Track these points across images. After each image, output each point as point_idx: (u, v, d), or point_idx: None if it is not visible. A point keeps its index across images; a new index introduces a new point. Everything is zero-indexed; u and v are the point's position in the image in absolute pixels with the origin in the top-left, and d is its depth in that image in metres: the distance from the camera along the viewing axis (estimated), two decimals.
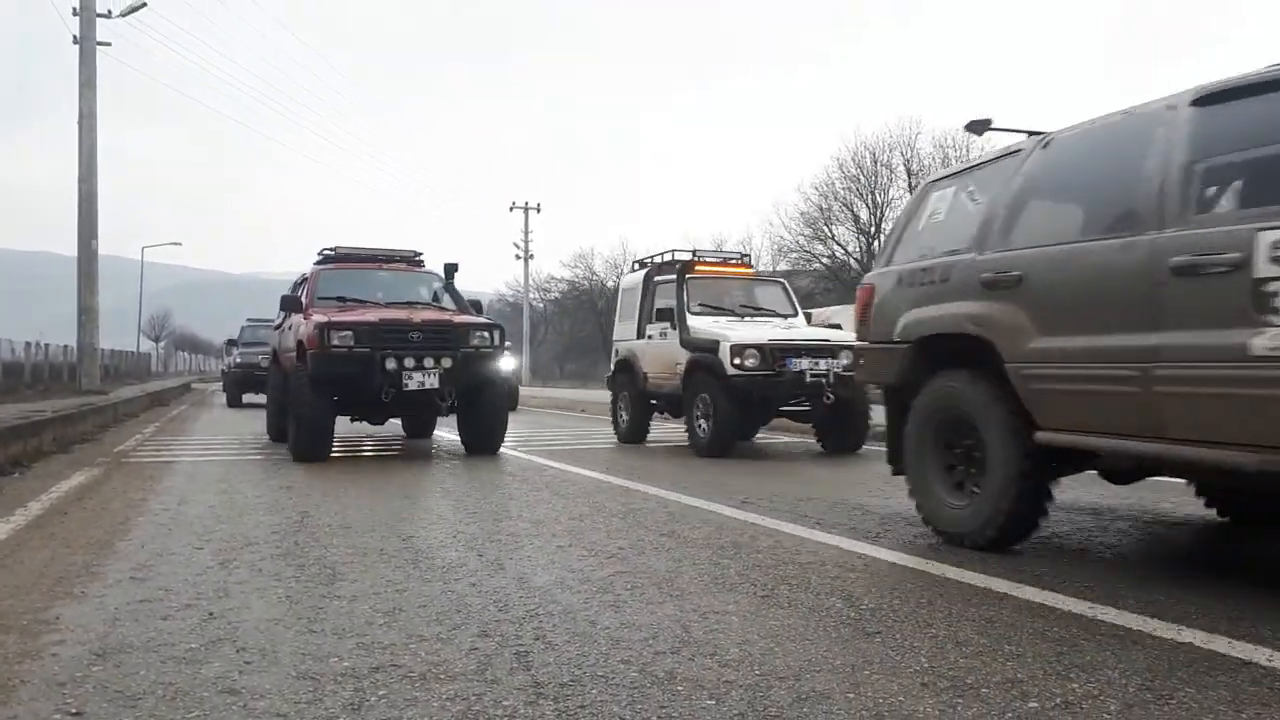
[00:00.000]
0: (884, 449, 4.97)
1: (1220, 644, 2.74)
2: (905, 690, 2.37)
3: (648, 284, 10.44)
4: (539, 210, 51.26)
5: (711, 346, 8.73)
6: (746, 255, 12.05)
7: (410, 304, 9.49)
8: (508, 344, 9.38)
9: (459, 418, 9.16)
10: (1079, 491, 6.15)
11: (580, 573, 3.73)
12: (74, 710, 2.24)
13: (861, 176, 47.23)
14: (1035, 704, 2.27)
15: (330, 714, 2.22)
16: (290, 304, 9.83)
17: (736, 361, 8.45)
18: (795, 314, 10.27)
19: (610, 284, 62.35)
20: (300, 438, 8.22)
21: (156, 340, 78.18)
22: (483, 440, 9.01)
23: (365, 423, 10.03)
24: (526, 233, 50.65)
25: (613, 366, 11.03)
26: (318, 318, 8.41)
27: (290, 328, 9.65)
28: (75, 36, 18.82)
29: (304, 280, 10.18)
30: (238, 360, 19.65)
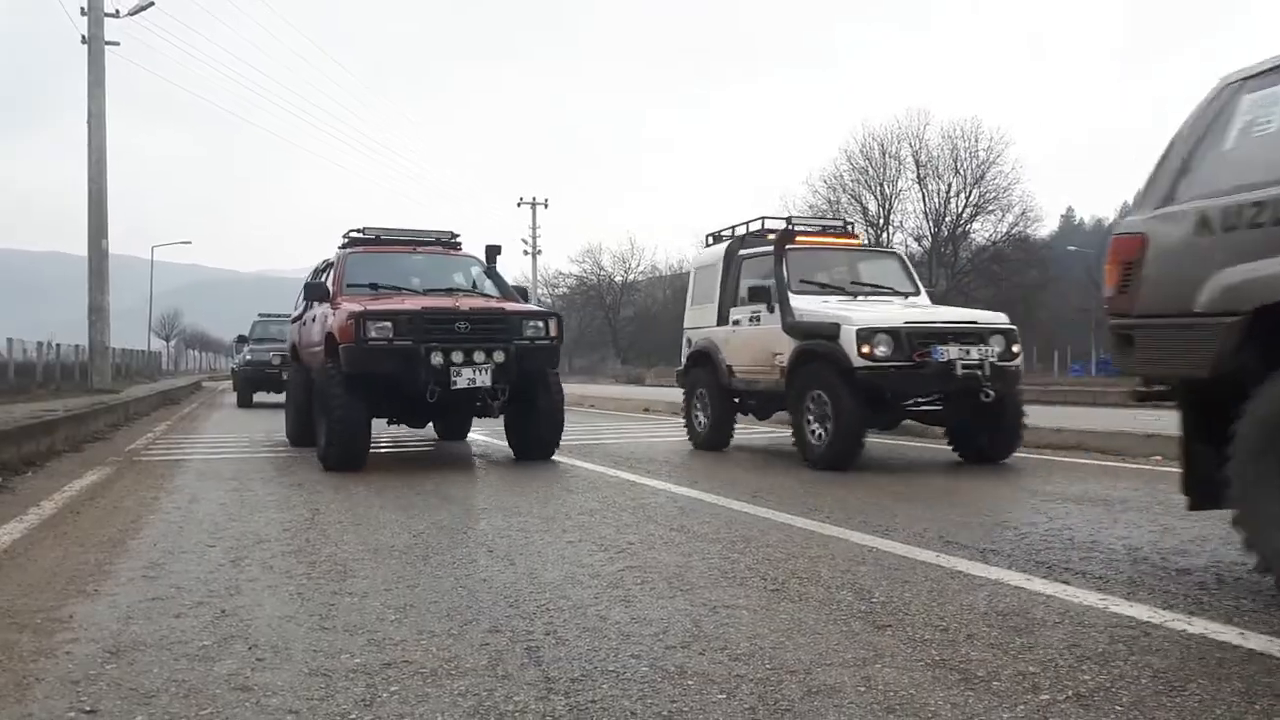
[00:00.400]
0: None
1: (1232, 635, 2.73)
2: (916, 683, 2.37)
3: (731, 260, 8.87)
4: (546, 206, 51.28)
5: (829, 331, 7.14)
6: (849, 223, 10.04)
7: (450, 291, 8.44)
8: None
9: (508, 420, 8.14)
10: (1090, 484, 6.14)
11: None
12: (88, 708, 2.26)
13: (870, 168, 47.16)
14: (1047, 696, 2.27)
15: (342, 710, 2.22)
16: (316, 292, 8.63)
17: (865, 350, 6.86)
18: (917, 292, 8.47)
19: (618, 279, 62.45)
20: (332, 444, 7.19)
21: (167, 339, 78.51)
22: (537, 445, 7.92)
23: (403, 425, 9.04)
24: (534, 228, 50.70)
25: (685, 360, 9.46)
26: (351, 306, 7.40)
27: (315, 319, 8.70)
28: (84, 36, 18.90)
29: (329, 266, 9.13)
30: (248, 357, 18.76)
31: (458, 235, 9.59)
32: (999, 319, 7.40)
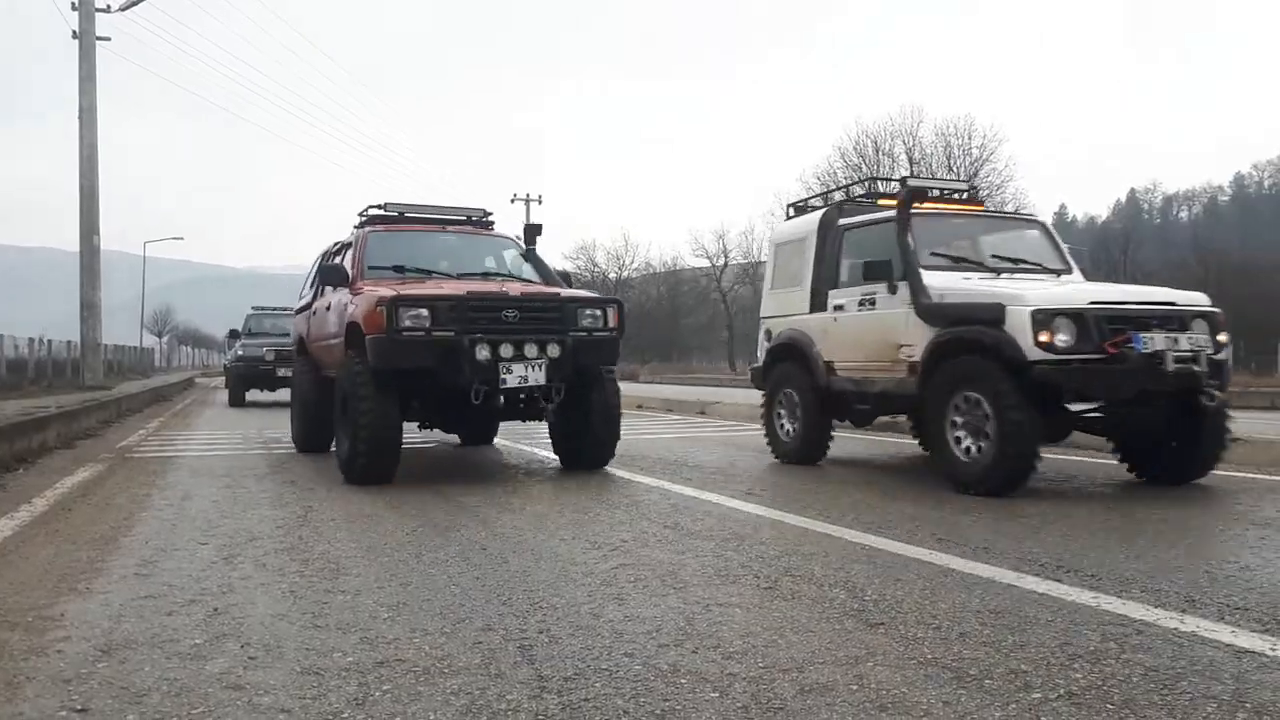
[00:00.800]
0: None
1: (1224, 633, 2.74)
2: (909, 681, 2.37)
3: (828, 233, 7.27)
4: (540, 202, 51.20)
5: (989, 314, 5.59)
6: (972, 188, 8.20)
7: (486, 276, 7.45)
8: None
9: (556, 424, 7.14)
10: (1084, 482, 6.16)
11: (584, 565, 3.73)
12: (79, 706, 2.25)
13: (864, 165, 47.15)
14: (1039, 694, 2.27)
15: (334, 709, 2.22)
16: (331, 276, 7.48)
17: (1043, 338, 5.33)
18: (1069, 269, 6.91)
19: (611, 276, 62.38)
20: (359, 454, 6.13)
21: (159, 335, 78.29)
22: (592, 452, 6.93)
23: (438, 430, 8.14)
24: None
25: (763, 356, 7.91)
26: (379, 291, 6.32)
27: (331, 308, 7.59)
28: (74, 31, 18.83)
29: (344, 247, 8.04)
30: (240, 353, 17.69)
31: (490, 214, 8.47)
32: (1200, 299, 5.90)
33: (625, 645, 2.68)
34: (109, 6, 19.41)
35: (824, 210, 7.55)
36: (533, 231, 7.89)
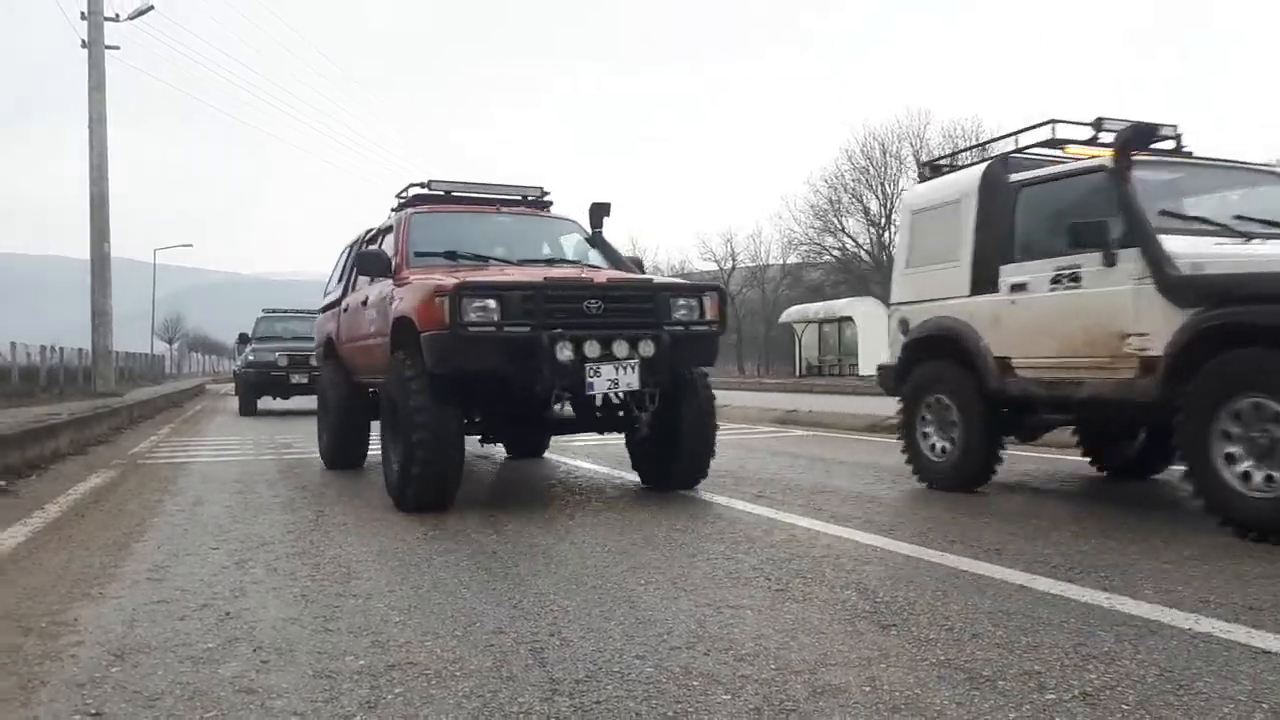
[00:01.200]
0: None
1: (1239, 633, 2.72)
2: (921, 683, 2.36)
3: (996, 192, 5.64)
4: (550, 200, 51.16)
5: None
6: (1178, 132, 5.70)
7: (550, 263, 6.48)
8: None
9: (636, 435, 5.93)
10: (1096, 482, 6.14)
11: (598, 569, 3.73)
12: (93, 711, 2.26)
13: (871, 168, 47.14)
14: (1053, 695, 2.26)
15: (347, 712, 2.22)
16: (370, 264, 6.34)
17: None
18: None
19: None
20: (414, 476, 5.10)
21: (170, 342, 78.60)
22: (685, 467, 5.91)
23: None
24: None
25: (897, 352, 6.28)
26: (439, 279, 5.35)
27: (369, 302, 6.58)
28: (83, 41, 18.93)
29: (380, 233, 7.04)
30: (251, 358, 16.62)
31: (548, 192, 7.40)
32: None
33: (636, 647, 2.68)
34: (117, 16, 19.52)
35: (986, 164, 5.86)
36: (600, 211, 6.83)
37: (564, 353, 5.03)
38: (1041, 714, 2.15)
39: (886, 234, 47.27)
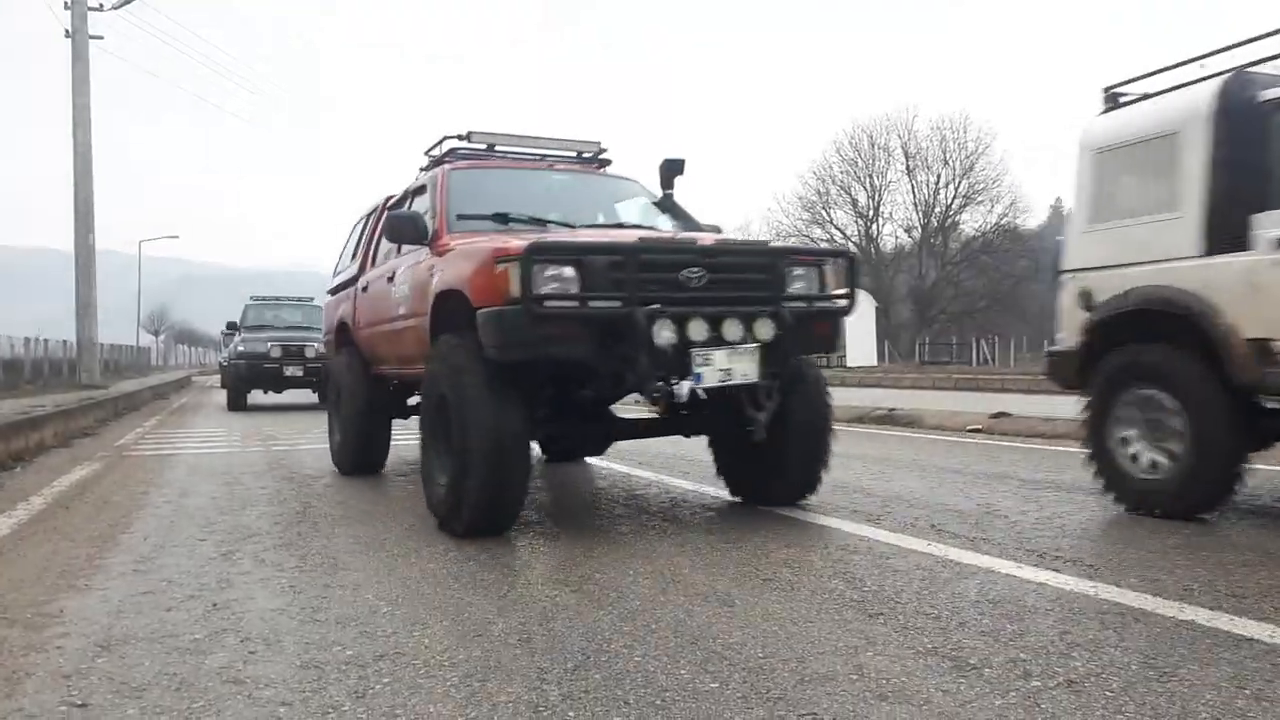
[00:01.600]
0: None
1: (1223, 621, 2.75)
2: (908, 671, 2.37)
3: (1239, 115, 4.36)
4: None
5: None
6: None
7: (619, 229, 5.21)
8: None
9: (726, 436, 5.02)
10: (1080, 471, 6.17)
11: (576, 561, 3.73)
12: (79, 702, 2.25)
13: (859, 160, 47.27)
14: (1038, 683, 2.28)
15: (335, 702, 2.22)
16: (402, 229, 5.10)
17: None
18: None
19: None
20: (466, 490, 4.08)
21: (156, 334, 78.22)
22: (794, 478, 4.84)
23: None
24: None
25: (1076, 334, 4.96)
26: (500, 242, 4.26)
27: (396, 277, 5.54)
28: (67, 31, 18.76)
29: (410, 194, 5.96)
30: (241, 349, 15.33)
31: (605, 148, 6.29)
32: None
33: (624, 637, 2.68)
34: (101, 5, 19.32)
35: (1222, 80, 4.46)
36: (672, 170, 5.62)
37: (664, 335, 3.96)
38: (1027, 701, 2.17)
39: (874, 226, 47.43)
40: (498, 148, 6.00)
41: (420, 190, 5.72)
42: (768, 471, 4.86)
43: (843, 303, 4.58)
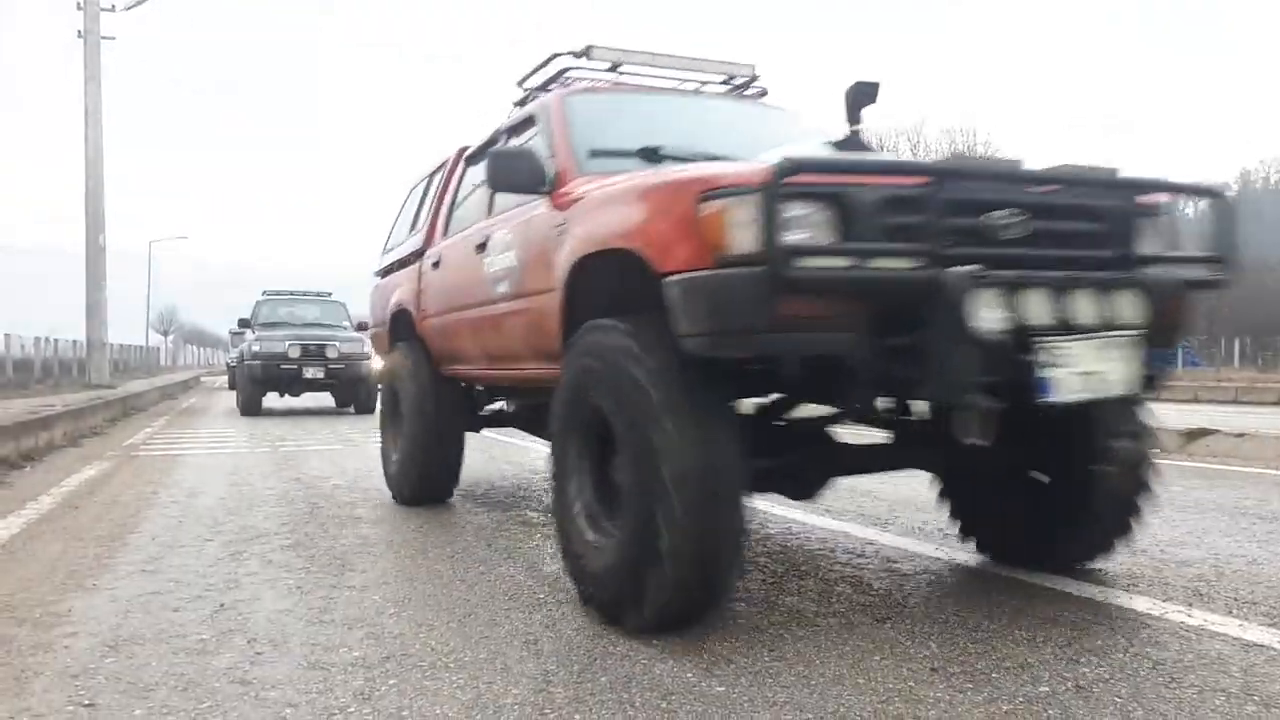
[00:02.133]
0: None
1: (1232, 627, 2.73)
2: (915, 676, 2.37)
3: None
4: None
5: None
6: None
7: None
8: None
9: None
10: None
11: None
12: (86, 701, 2.25)
13: None
14: (1046, 688, 2.27)
15: (341, 704, 2.22)
16: (512, 171, 3.61)
17: None
18: None
19: None
20: (661, 555, 2.56)
21: (165, 334, 78.54)
22: (1094, 531, 3.32)
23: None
24: None
25: None
26: (694, 171, 2.81)
27: (490, 243, 4.10)
28: (79, 31, 18.84)
29: (504, 134, 4.45)
30: (256, 348, 13.82)
31: (757, 75, 4.73)
32: None
33: (630, 640, 2.68)
34: (113, 6, 19.42)
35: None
36: (861, 96, 4.05)
37: (991, 315, 2.41)
38: (1035, 706, 2.16)
39: None
40: (624, 68, 4.54)
41: (522, 126, 4.27)
42: (1055, 520, 3.33)
43: (1220, 270, 2.91)
